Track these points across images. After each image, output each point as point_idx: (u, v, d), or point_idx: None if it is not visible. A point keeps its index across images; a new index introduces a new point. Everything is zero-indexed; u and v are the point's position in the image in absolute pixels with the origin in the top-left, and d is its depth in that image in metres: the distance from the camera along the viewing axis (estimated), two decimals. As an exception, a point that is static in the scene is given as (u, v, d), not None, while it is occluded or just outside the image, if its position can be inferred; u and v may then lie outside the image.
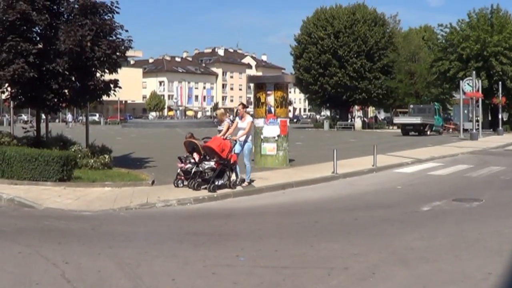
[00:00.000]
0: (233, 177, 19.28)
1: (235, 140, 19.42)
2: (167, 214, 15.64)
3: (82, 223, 14.03)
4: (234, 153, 19.24)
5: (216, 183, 18.25)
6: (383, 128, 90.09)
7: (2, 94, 25.34)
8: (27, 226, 13.79)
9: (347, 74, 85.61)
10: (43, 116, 27.69)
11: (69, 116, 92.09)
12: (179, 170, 19.30)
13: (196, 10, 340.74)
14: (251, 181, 19.95)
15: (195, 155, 19.15)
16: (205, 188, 18.25)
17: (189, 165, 18.97)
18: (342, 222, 14.10)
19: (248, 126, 19.77)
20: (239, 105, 21.05)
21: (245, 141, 19.83)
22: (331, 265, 9.65)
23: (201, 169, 19.10)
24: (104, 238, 12.59)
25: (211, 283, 8.80)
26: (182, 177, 19.11)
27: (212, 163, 18.47)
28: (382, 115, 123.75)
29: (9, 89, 23.65)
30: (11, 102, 26.07)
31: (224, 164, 18.59)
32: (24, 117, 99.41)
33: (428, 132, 64.25)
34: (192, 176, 18.81)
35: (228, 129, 19.87)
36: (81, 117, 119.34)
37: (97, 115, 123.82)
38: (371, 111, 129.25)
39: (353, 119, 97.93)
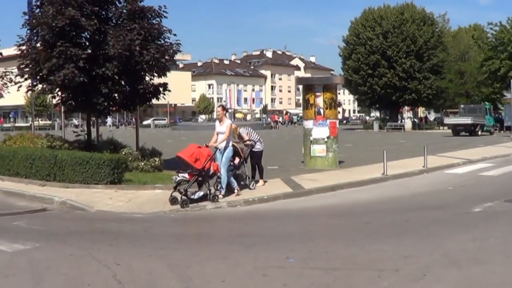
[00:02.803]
0: (213, 190, 17.31)
1: (216, 148, 17.84)
2: (218, 216, 15.71)
3: (133, 225, 14.15)
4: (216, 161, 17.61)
5: (192, 196, 16.59)
6: (434, 128, 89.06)
7: (53, 99, 25.67)
8: (79, 228, 13.94)
9: (396, 74, 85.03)
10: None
11: (108, 120, 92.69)
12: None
13: (244, 13, 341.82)
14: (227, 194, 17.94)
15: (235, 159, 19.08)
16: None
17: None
18: (392, 224, 13.99)
19: (228, 130, 17.99)
20: (219, 106, 19.30)
21: (226, 147, 18.00)
22: (381, 266, 9.57)
23: (240, 172, 19.13)
24: (155, 240, 12.68)
25: (261, 285, 8.80)
26: None
27: (185, 175, 16.65)
28: (432, 116, 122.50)
29: (60, 94, 23.94)
30: (62, 106, 26.40)
31: (200, 174, 16.66)
32: (75, 121, 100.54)
33: (479, 132, 63.47)
34: (236, 178, 18.79)
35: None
36: (125, 121, 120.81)
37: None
38: (421, 111, 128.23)
39: (403, 120, 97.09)
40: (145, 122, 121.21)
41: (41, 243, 11.91)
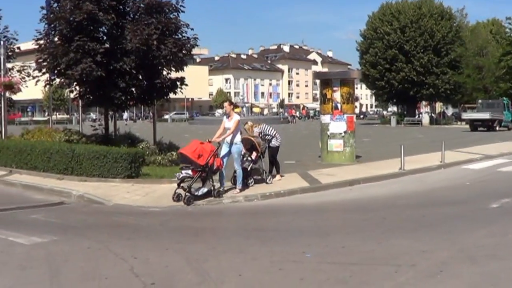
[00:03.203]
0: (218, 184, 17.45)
1: (219, 143, 17.45)
2: (234, 210, 15.77)
3: (151, 219, 14.20)
4: (219, 157, 17.30)
5: (196, 193, 16.26)
6: (451, 124, 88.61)
7: (71, 93, 25.78)
8: (97, 221, 14.01)
9: (414, 69, 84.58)
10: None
11: (125, 114, 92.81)
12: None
13: (261, 7, 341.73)
14: (245, 188, 18.09)
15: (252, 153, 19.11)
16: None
17: (246, 163, 18.92)
18: (410, 219, 13.95)
19: (234, 125, 17.52)
20: (225, 101, 18.92)
21: (232, 142, 17.66)
22: (398, 262, 9.56)
23: (257, 166, 19.14)
24: (172, 233, 12.74)
25: (277, 279, 8.81)
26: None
27: (189, 171, 16.36)
28: (450, 111, 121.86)
29: (77, 88, 24.05)
30: (80, 100, 26.52)
31: (204, 170, 16.37)
32: (93, 115, 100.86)
33: (497, 128, 63.08)
34: (248, 173, 18.83)
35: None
36: (142, 115, 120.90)
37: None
38: (438, 106, 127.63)
39: (420, 115, 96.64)
40: (166, 116, 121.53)
41: (59, 236, 11.99)
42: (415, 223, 13.32)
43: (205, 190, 16.49)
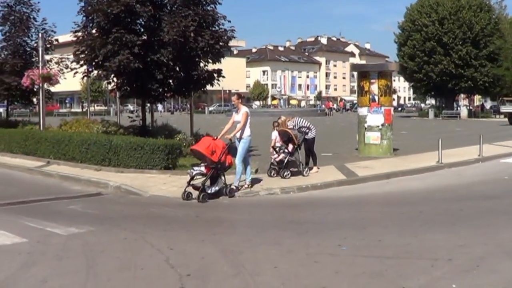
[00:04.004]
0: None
1: (230, 139, 16.56)
2: (271, 202, 15.75)
3: (187, 210, 14.24)
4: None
5: (208, 191, 15.45)
6: (490, 117, 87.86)
7: (109, 85, 25.98)
8: (133, 212, 14.10)
9: (452, 61, 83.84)
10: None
11: (159, 106, 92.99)
12: (272, 160, 19.30)
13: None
14: (249, 186, 17.13)
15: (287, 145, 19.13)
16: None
17: (282, 155, 18.96)
18: (447, 213, 13.84)
19: (244, 117, 16.71)
20: (233, 95, 17.82)
21: (241, 137, 16.80)
22: (435, 256, 9.48)
23: (294, 159, 19.11)
24: (208, 225, 12.79)
25: (313, 271, 8.79)
26: (276, 167, 19.11)
27: (202, 168, 15.71)
28: (488, 104, 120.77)
29: (115, 79, 24.20)
30: (117, 92, 26.72)
31: (217, 168, 15.67)
32: (130, 107, 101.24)
33: (537, 121, 62.43)
34: (285, 166, 18.85)
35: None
36: (179, 106, 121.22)
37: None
38: (477, 99, 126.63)
39: (458, 108, 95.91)
40: (211, 108, 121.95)
41: (96, 227, 12.10)
42: (452, 217, 13.21)
43: (217, 188, 15.73)
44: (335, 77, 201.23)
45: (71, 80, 30.17)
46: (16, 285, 8.16)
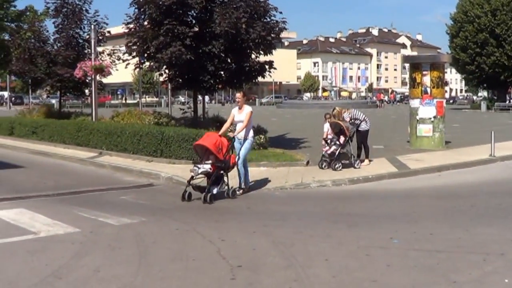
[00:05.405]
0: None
1: (233, 137, 15.44)
2: (322, 194, 15.70)
3: (238, 202, 14.27)
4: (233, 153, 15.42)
5: (213, 191, 14.34)
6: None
7: (160, 77, 26.13)
8: (184, 203, 14.11)
9: (505, 53, 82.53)
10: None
11: (206, 98, 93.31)
12: (324, 152, 19.26)
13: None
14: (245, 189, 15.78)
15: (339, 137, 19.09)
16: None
17: (333, 147, 18.94)
18: (499, 207, 13.65)
19: (247, 117, 15.41)
20: (239, 93, 16.31)
21: (245, 137, 15.58)
22: (486, 250, 9.37)
23: (345, 151, 19.05)
24: (259, 217, 12.78)
25: (364, 264, 8.74)
26: (328, 159, 19.06)
27: (207, 166, 14.46)
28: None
29: (167, 71, 24.33)
30: (169, 84, 26.86)
31: (222, 167, 14.64)
32: (182, 98, 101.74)
33: None
34: (336, 158, 18.79)
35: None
36: (230, 98, 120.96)
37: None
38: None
39: (511, 100, 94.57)
40: (263, 100, 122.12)
41: (147, 217, 12.19)
42: (504, 211, 13.04)
43: (220, 189, 14.63)
44: (386, 69, 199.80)
45: (123, 72, 30.47)
46: (70, 274, 8.24)
